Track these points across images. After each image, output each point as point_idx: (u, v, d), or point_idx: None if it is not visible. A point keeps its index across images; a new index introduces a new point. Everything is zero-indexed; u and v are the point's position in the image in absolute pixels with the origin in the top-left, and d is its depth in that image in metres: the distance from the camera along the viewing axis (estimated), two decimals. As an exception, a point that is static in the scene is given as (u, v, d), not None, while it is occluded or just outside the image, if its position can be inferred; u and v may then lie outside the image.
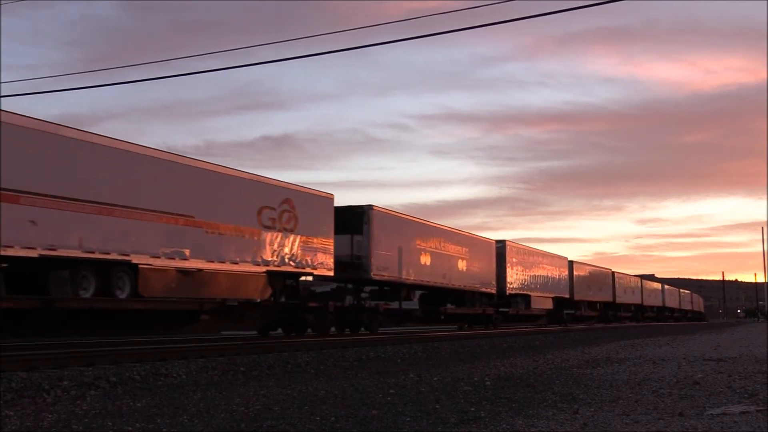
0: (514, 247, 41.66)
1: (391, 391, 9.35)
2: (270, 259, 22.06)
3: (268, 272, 22.06)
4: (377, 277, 26.84)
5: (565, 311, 50.72)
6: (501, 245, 39.67)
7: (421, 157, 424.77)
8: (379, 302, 28.40)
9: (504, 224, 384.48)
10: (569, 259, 50.63)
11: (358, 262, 26.11)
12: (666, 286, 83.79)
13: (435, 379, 10.96)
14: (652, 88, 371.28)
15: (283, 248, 22.60)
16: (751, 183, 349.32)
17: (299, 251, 23.25)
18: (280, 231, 22.49)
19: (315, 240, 24.00)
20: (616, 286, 60.77)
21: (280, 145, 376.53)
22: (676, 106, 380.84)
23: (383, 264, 27.05)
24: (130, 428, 6.63)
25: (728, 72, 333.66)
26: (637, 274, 76.69)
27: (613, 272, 60.72)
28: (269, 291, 22.34)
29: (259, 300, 22.33)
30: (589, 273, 55.41)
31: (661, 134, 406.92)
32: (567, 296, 49.35)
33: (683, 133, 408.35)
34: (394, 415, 7.22)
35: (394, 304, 29.56)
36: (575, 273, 51.28)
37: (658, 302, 76.87)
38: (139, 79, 19.93)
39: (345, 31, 21.63)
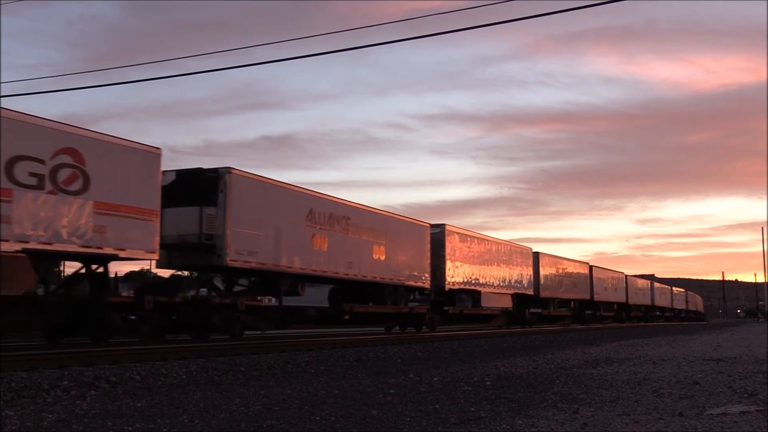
0: (457, 233, 34.56)
1: (391, 391, 9.35)
2: (31, 232, 15.43)
3: (29, 252, 15.39)
4: (236, 264, 20.33)
5: (530, 310, 44.32)
6: (438, 231, 32.57)
7: (422, 156, 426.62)
8: (239, 298, 21.36)
9: (504, 224, 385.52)
10: (534, 250, 44.28)
11: (209, 243, 19.79)
12: (656, 284, 79.09)
13: (435, 379, 10.96)
14: (653, 88, 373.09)
15: (58, 218, 15.95)
16: (751, 183, 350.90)
17: (91, 224, 16.55)
18: (52, 193, 15.85)
19: (123, 209, 17.23)
20: (595, 282, 54.35)
21: (280, 145, 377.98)
22: (676, 106, 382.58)
23: (248, 247, 20.65)
24: (130, 428, 6.63)
25: (729, 72, 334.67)
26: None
27: (591, 266, 54.43)
28: (32, 279, 16.11)
29: (13, 293, 15.73)
30: (561, 267, 48.60)
31: (662, 134, 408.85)
32: (531, 293, 42.89)
33: (683, 133, 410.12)
34: (394, 415, 7.22)
35: (282, 301, 23.04)
36: (542, 267, 44.75)
37: (646, 301, 72.31)
38: (139, 79, 19.72)
39: (345, 31, 21.53)
